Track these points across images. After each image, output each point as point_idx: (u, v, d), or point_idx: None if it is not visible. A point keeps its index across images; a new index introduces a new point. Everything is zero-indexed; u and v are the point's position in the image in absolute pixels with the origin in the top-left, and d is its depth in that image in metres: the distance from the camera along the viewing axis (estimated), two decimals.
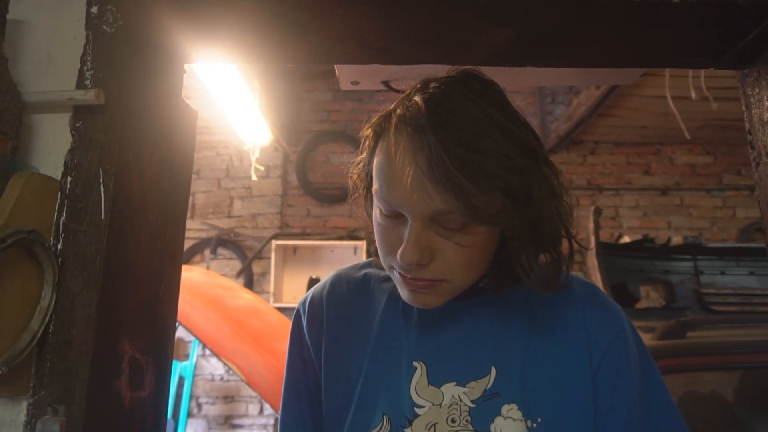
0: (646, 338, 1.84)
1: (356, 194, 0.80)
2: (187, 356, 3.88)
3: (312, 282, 3.99)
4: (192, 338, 3.79)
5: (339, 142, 4.38)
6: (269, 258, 3.98)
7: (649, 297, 2.94)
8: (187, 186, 0.92)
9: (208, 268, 4.09)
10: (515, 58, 0.87)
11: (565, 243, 0.73)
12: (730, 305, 2.42)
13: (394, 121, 0.65)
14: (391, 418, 0.70)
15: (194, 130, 0.94)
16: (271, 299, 3.79)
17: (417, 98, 0.65)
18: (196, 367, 3.90)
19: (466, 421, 0.68)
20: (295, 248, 4.13)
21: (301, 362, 0.82)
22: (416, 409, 0.70)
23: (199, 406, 3.91)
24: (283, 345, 2.33)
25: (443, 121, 0.60)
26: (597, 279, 2.12)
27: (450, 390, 0.70)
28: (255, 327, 2.06)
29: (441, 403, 0.70)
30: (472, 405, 0.69)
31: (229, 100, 2.76)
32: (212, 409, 3.88)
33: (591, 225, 2.13)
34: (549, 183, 0.67)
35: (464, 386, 0.70)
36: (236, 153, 4.19)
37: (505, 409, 0.68)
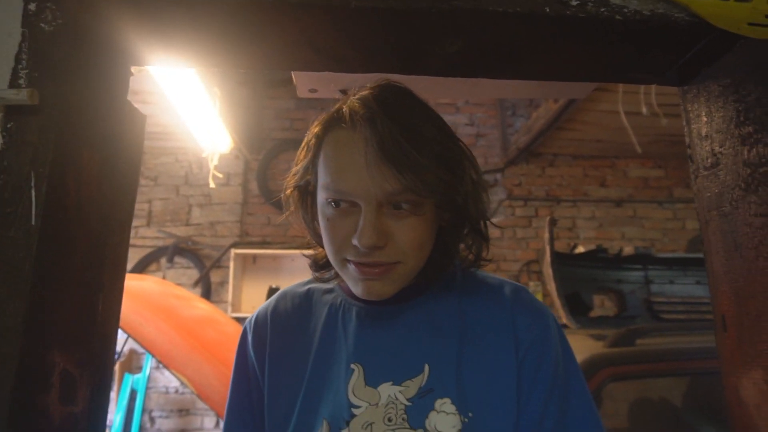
0: (598, 346, 1.89)
1: (293, 203, 0.81)
2: (140, 368, 3.75)
3: (272, 291, 3.93)
4: (144, 350, 3.67)
5: None
6: (228, 267, 3.90)
7: (604, 306, 3.01)
8: (132, 191, 0.89)
9: (164, 277, 3.98)
10: (468, 69, 0.88)
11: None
12: (678, 313, 2.51)
13: (344, 115, 0.71)
14: (330, 422, 0.72)
15: (142, 134, 0.91)
16: (229, 309, 3.71)
17: (361, 95, 0.72)
18: (150, 380, 3.77)
19: (402, 419, 0.70)
20: (254, 257, 4.06)
21: (245, 379, 0.83)
22: (353, 410, 0.72)
23: (152, 420, 3.78)
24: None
25: (390, 110, 0.68)
26: (552, 288, 2.16)
27: (386, 390, 0.72)
28: (209, 337, 2.01)
29: (378, 403, 0.72)
30: (408, 403, 0.71)
31: (188, 105, 2.70)
32: (166, 423, 3.76)
33: (546, 235, 2.17)
34: (475, 168, 0.76)
35: (400, 385, 0.72)
36: (195, 160, 4.10)
37: (438, 403, 0.70)
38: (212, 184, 3.28)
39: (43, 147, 0.66)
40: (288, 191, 0.80)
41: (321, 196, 0.72)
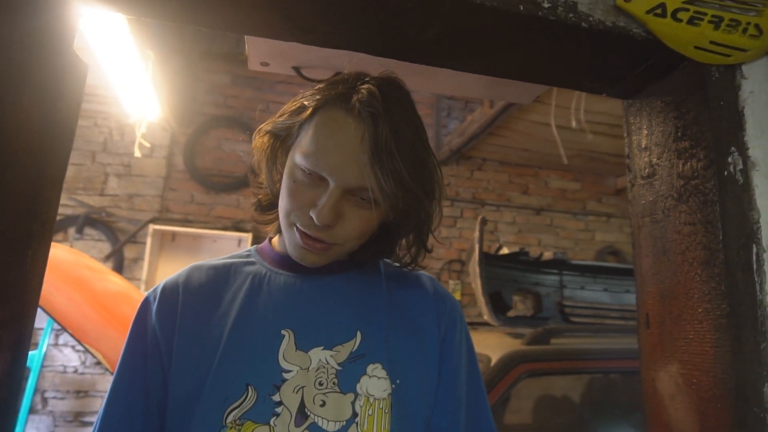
0: (516, 343, 1.98)
1: (261, 144, 0.82)
2: (36, 345, 3.46)
3: None
4: (43, 325, 3.39)
5: (234, 128, 4.19)
6: (144, 243, 3.69)
7: (517, 307, 3.16)
8: (68, 145, 0.82)
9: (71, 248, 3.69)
10: (437, 58, 0.89)
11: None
12: (586, 317, 2.69)
13: (349, 100, 0.72)
14: (257, 387, 0.71)
15: (83, 85, 0.83)
16: (143, 287, 3.51)
17: (370, 88, 0.73)
18: (46, 358, 3.49)
19: (333, 383, 0.72)
20: (174, 235, 3.88)
21: (141, 352, 0.78)
22: (284, 374, 0.72)
23: (44, 400, 3.50)
24: None
25: (394, 117, 0.71)
26: (477, 286, 2.24)
27: (317, 354, 0.74)
28: (125, 314, 1.89)
29: (309, 367, 0.72)
30: (338, 368, 0.73)
31: (117, 66, 2.52)
32: (60, 405, 3.50)
33: (476, 234, 2.24)
34: (440, 186, 0.80)
35: (331, 350, 0.74)
36: (117, 126, 3.84)
37: (370, 368, 0.73)
38: (138, 153, 3.08)
39: None
40: (264, 130, 0.81)
41: (297, 158, 0.73)
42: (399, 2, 0.77)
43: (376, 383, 0.73)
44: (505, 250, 2.67)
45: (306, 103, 0.76)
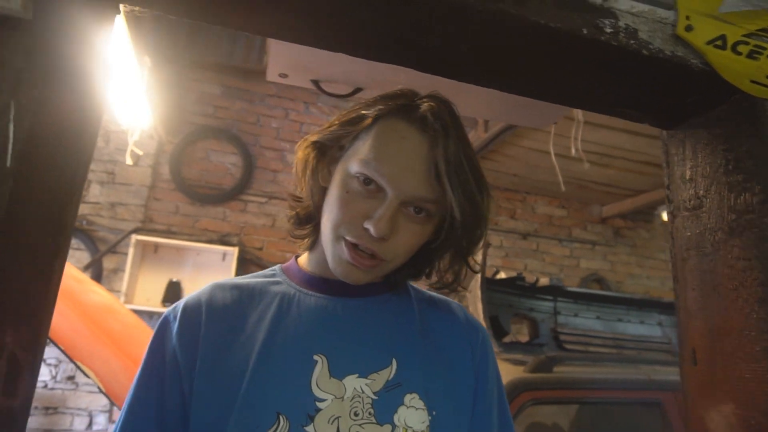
0: (518, 370, 1.95)
1: (305, 154, 0.79)
2: None
3: (172, 285, 3.66)
4: None
5: (222, 140, 4.12)
6: (125, 254, 3.56)
7: (519, 332, 3.14)
8: (91, 148, 0.76)
9: None
10: (471, 74, 0.86)
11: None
12: (579, 344, 2.68)
13: (417, 111, 0.72)
14: (289, 417, 0.67)
15: (106, 87, 0.78)
16: (122, 299, 3.38)
17: (434, 103, 0.73)
18: None
19: (369, 413, 0.68)
20: (156, 246, 3.75)
21: (159, 373, 0.73)
22: (318, 404, 0.68)
23: None
24: (143, 350, 2.06)
25: (460, 132, 0.72)
26: (478, 309, 2.21)
27: (352, 382, 0.70)
28: (113, 328, 1.79)
29: (343, 396, 0.69)
30: (374, 397, 0.69)
31: (112, 69, 2.44)
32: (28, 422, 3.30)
33: (480, 258, 2.22)
34: (489, 207, 0.77)
35: (366, 377, 0.71)
36: (103, 133, 3.72)
37: (408, 398, 0.70)
38: (129, 161, 2.98)
39: (30, 74, 0.54)
40: (310, 140, 0.78)
41: (352, 167, 0.71)
42: (462, 19, 0.74)
43: (414, 414, 0.69)
44: (502, 275, 2.65)
45: (365, 112, 0.74)
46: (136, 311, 3.25)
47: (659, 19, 0.80)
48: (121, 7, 0.76)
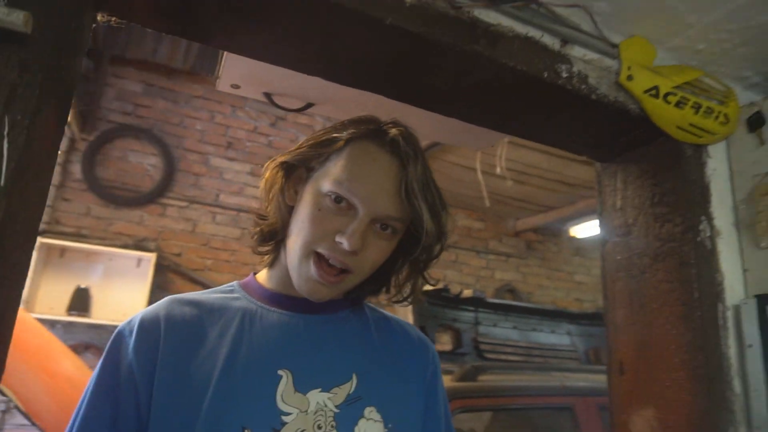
0: (447, 379, 2.04)
1: (273, 172, 0.81)
2: None
3: (80, 292, 3.41)
4: None
5: (142, 140, 3.91)
6: None
7: (442, 341, 3.25)
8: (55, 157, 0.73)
9: None
10: (442, 105, 0.92)
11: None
12: (498, 353, 2.83)
13: (386, 136, 0.75)
14: (254, 430, 0.68)
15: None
16: (22, 306, 3.09)
17: (402, 130, 0.76)
18: None
19: (332, 426, 0.71)
20: (63, 250, 3.48)
21: (112, 394, 0.72)
22: (283, 417, 0.70)
23: None
24: (59, 366, 1.91)
25: (424, 156, 0.76)
26: (409, 320, 2.27)
27: (315, 396, 0.72)
28: (27, 341, 1.66)
29: (307, 410, 0.71)
30: (336, 410, 0.72)
31: None
32: None
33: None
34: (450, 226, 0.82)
35: (329, 392, 0.73)
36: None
37: (367, 410, 0.74)
38: None
39: (25, 89, 0.52)
40: (279, 161, 0.80)
41: (324, 186, 0.74)
42: (437, 59, 0.80)
43: (372, 426, 0.73)
44: (428, 287, 2.74)
45: (337, 135, 0.77)
46: (37, 320, 3.00)
47: (606, 68, 0.91)
48: (98, 16, 0.74)
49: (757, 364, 0.83)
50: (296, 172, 0.80)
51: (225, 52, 1.30)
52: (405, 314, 2.36)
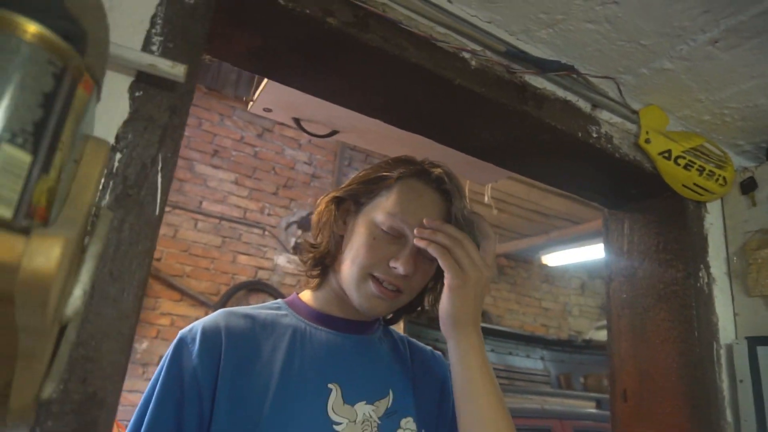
0: None
1: (327, 205, 0.89)
2: None
3: None
4: None
5: None
6: None
7: None
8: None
9: None
10: (497, 156, 1.03)
11: None
12: None
13: (431, 175, 0.85)
14: None
15: None
16: None
17: (444, 170, 0.86)
18: None
19: None
20: None
21: (175, 401, 0.76)
22: (335, 427, 0.77)
23: None
24: None
25: (464, 194, 0.86)
26: None
27: (362, 408, 0.80)
28: None
29: (356, 420, 0.78)
30: (379, 421, 0.80)
31: None
32: None
33: None
34: None
35: (372, 404, 0.81)
36: None
37: (403, 422, 0.82)
38: None
39: (173, 130, 0.59)
40: (333, 196, 0.89)
41: (377, 218, 0.82)
42: (493, 113, 0.90)
43: None
44: None
45: (387, 174, 0.86)
46: None
47: (627, 130, 1.03)
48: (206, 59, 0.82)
49: (748, 397, 0.96)
50: (344, 204, 0.88)
51: (265, 80, 1.38)
52: None
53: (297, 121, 1.52)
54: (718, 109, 1.04)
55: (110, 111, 0.56)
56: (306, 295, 0.92)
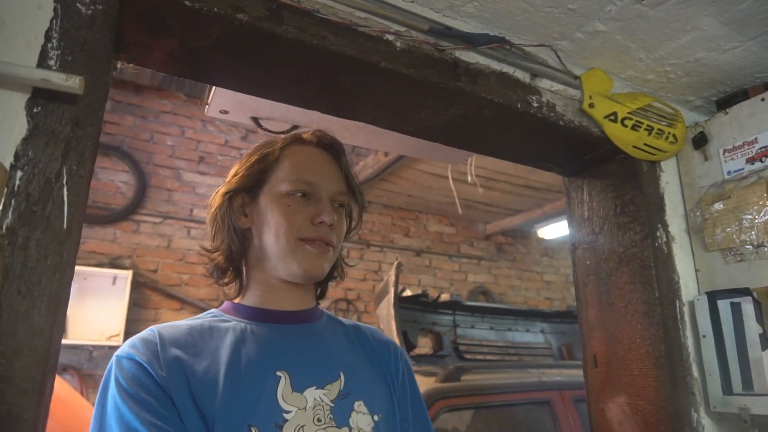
0: (429, 381, 2.13)
1: (219, 206, 0.88)
2: None
3: None
4: None
5: (112, 157, 3.89)
6: None
7: (424, 345, 3.34)
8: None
9: None
10: (441, 136, 1.02)
11: None
12: (477, 353, 2.94)
13: (310, 138, 0.88)
14: (260, 428, 0.74)
15: None
16: None
17: (322, 132, 0.89)
18: None
19: (330, 418, 0.79)
20: None
21: (151, 403, 0.72)
22: (285, 415, 0.77)
23: None
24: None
25: (343, 150, 0.90)
26: (391, 326, 2.36)
27: (312, 393, 0.80)
28: None
29: (306, 407, 0.79)
30: (332, 404, 0.80)
31: None
32: None
33: (392, 278, 2.38)
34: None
35: (323, 388, 0.81)
36: None
37: (356, 404, 0.82)
38: None
39: (78, 142, 0.59)
40: (221, 192, 0.88)
41: (282, 189, 0.83)
42: (425, 92, 0.90)
43: (362, 418, 0.82)
44: (408, 292, 2.84)
45: (267, 150, 0.87)
46: None
47: (570, 97, 1.02)
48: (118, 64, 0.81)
49: (711, 352, 0.96)
50: (237, 199, 0.87)
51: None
52: (388, 320, 2.45)
53: (256, 120, 1.52)
54: (660, 66, 1.03)
55: (8, 129, 0.56)
56: (237, 299, 0.90)
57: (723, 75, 1.05)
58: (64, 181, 0.57)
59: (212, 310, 0.90)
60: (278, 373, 0.79)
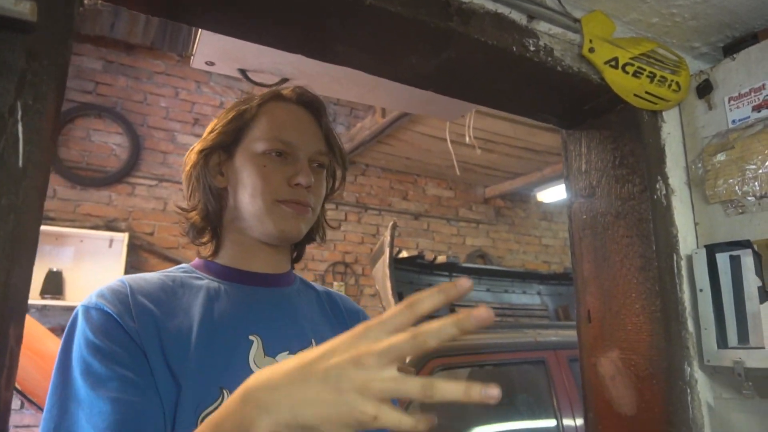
0: None
1: (194, 163, 0.85)
2: None
3: (53, 275, 3.37)
4: None
5: (105, 119, 3.83)
6: None
7: None
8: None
9: None
10: (420, 79, 0.97)
11: None
12: None
13: (290, 94, 0.85)
14: (232, 391, 0.67)
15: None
16: None
17: (302, 88, 0.86)
18: None
19: None
20: None
21: (122, 354, 0.68)
22: None
23: None
24: (45, 347, 1.92)
25: (323, 106, 0.87)
26: (387, 287, 2.35)
27: (284, 359, 0.76)
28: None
29: None
30: None
31: None
32: None
33: (387, 239, 2.36)
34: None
35: (295, 354, 0.75)
36: None
37: None
38: None
39: (35, 75, 0.55)
40: (195, 150, 0.85)
41: (258, 148, 0.81)
42: (415, 33, 0.84)
43: None
44: (404, 254, 2.82)
45: (245, 107, 0.84)
46: None
47: (569, 41, 0.97)
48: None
49: (707, 306, 0.93)
50: (213, 157, 0.84)
51: (200, 31, 1.31)
52: (383, 281, 2.44)
53: (243, 72, 1.46)
54: (665, 9, 0.97)
55: None
56: (210, 257, 0.87)
57: (732, 17, 0.99)
58: (19, 116, 0.53)
59: (183, 264, 0.86)
60: (251, 337, 0.77)
